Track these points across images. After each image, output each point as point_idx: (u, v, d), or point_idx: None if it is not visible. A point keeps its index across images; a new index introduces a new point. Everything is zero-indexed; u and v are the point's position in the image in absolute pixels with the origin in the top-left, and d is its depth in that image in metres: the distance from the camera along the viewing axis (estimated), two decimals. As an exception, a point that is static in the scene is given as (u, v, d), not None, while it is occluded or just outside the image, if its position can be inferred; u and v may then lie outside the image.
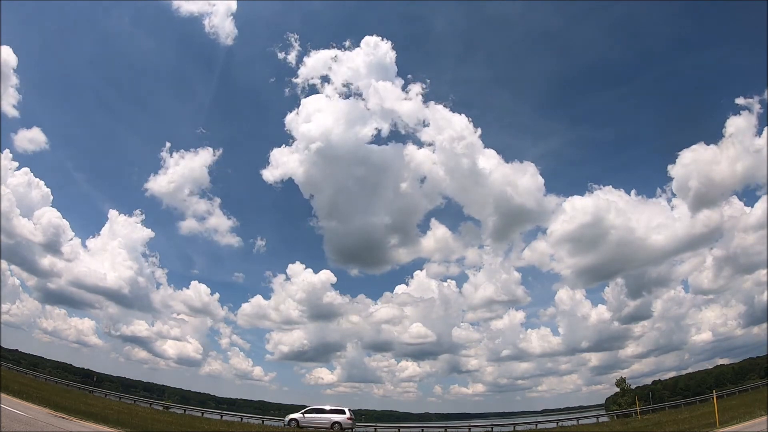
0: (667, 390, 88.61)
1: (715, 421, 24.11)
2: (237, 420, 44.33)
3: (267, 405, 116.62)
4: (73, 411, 25.67)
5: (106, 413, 27.90)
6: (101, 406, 32.77)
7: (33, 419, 20.02)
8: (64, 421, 21.57)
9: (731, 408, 29.54)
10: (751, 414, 24.98)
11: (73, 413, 24.87)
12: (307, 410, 36.93)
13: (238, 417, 46.87)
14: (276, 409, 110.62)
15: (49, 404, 26.74)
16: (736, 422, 23.50)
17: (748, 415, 24.88)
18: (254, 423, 43.89)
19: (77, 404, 30.24)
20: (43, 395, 31.06)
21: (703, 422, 25.70)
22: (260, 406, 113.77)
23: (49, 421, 20.40)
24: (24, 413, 21.09)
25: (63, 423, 20.93)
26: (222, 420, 42.05)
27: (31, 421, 19.48)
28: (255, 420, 46.12)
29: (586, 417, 48.30)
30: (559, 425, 45.76)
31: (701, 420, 26.83)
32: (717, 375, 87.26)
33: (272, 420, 44.56)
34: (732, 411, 27.48)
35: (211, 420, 40.62)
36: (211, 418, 44.16)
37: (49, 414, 23.29)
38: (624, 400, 62.66)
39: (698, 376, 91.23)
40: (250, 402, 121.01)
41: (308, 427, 35.34)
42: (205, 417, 43.92)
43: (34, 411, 23.08)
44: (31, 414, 21.48)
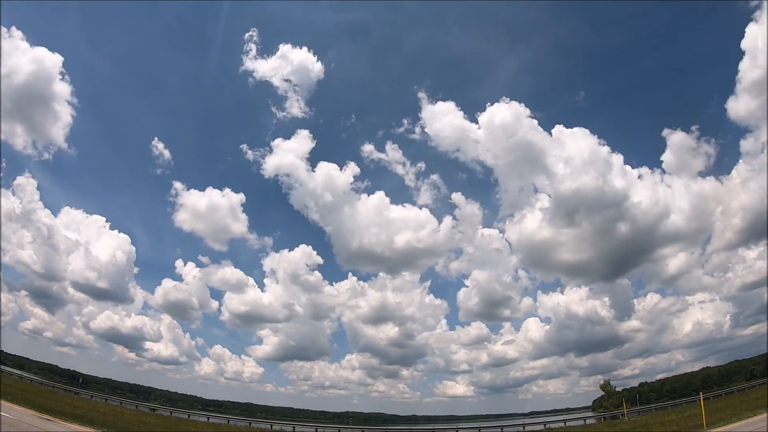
0: (653, 392, 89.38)
1: (702, 422, 24.37)
2: (224, 422, 44.01)
3: (254, 407, 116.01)
4: (58, 413, 25.34)
5: (92, 415, 27.61)
6: (87, 408, 32.42)
7: (17, 421, 19.69)
8: (48, 423, 21.24)
9: (718, 410, 29.90)
10: (737, 416, 25.26)
11: (59, 415, 24.56)
12: None
13: (225, 419, 46.52)
14: (263, 412, 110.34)
15: (34, 406, 26.34)
16: (723, 424, 23.77)
17: (735, 416, 25.17)
18: (241, 425, 43.71)
19: (62, 406, 29.83)
20: (28, 396, 30.59)
21: (690, 424, 26.00)
22: (247, 408, 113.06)
23: (34, 423, 20.08)
24: (8, 415, 20.72)
25: (48, 425, 20.61)
26: (209, 422, 41.73)
27: (15, 422, 19.16)
28: (242, 422, 45.86)
29: (573, 419, 48.68)
30: (546, 427, 46.08)
31: (688, 422, 27.14)
32: (703, 377, 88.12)
33: (259, 422, 44.25)
34: (719, 413, 27.81)
35: (197, 422, 40.35)
36: (198, 420, 43.90)
37: (34, 416, 22.93)
38: (610, 402, 63.16)
39: (684, 379, 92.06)
40: (237, 404, 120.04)
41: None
42: (191, 419, 43.63)
43: (18, 412, 22.70)
44: (15, 415, 21.13)
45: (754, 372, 75.29)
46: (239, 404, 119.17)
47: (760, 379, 59.06)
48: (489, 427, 49.86)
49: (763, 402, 29.10)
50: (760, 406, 28.01)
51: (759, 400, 31.35)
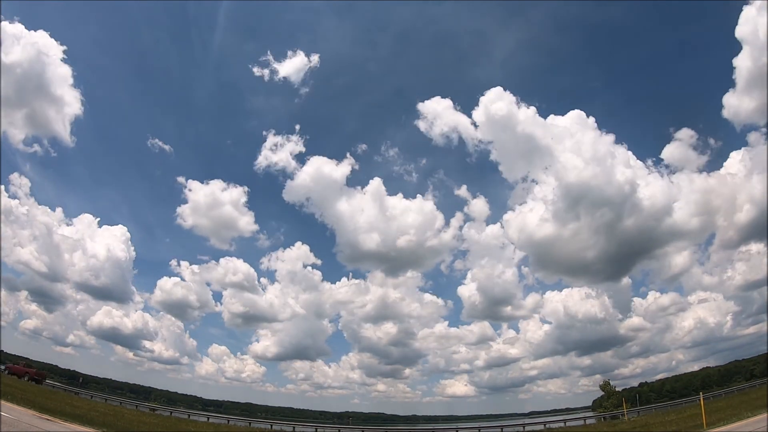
0: (653, 392, 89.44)
1: (702, 422, 24.34)
2: (224, 422, 43.99)
3: (254, 407, 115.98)
4: (58, 413, 25.24)
5: (92, 415, 27.55)
6: (87, 408, 32.33)
7: (17, 421, 19.65)
8: (48, 423, 21.19)
9: (718, 410, 29.86)
10: (738, 416, 25.24)
11: (58, 415, 24.46)
12: None
13: (225, 419, 46.50)
14: (263, 411, 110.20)
15: (34, 406, 26.26)
16: (723, 424, 23.73)
17: (735, 416, 25.14)
18: (241, 425, 43.68)
19: (62, 406, 29.72)
20: (28, 396, 30.51)
21: (690, 424, 25.97)
22: (247, 408, 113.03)
23: (34, 423, 20.03)
24: (8, 415, 20.68)
25: (48, 425, 20.55)
26: (209, 422, 41.71)
27: (15, 422, 19.12)
28: (242, 422, 45.83)
29: (573, 419, 48.66)
30: (546, 427, 46.06)
31: (688, 422, 27.11)
32: (703, 377, 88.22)
33: (259, 422, 44.24)
34: (719, 413, 27.78)
35: (197, 422, 40.33)
36: (198, 420, 43.87)
37: (34, 416, 22.86)
38: (610, 402, 63.08)
39: (684, 379, 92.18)
40: (237, 404, 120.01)
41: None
42: (191, 419, 43.60)
43: (18, 412, 22.65)
44: (15, 415, 21.08)
45: (754, 372, 75.36)
46: (239, 404, 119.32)
47: (760, 379, 59.04)
48: (489, 427, 49.84)
49: (763, 402, 29.08)
50: (760, 406, 27.99)
51: (759, 400, 31.32)
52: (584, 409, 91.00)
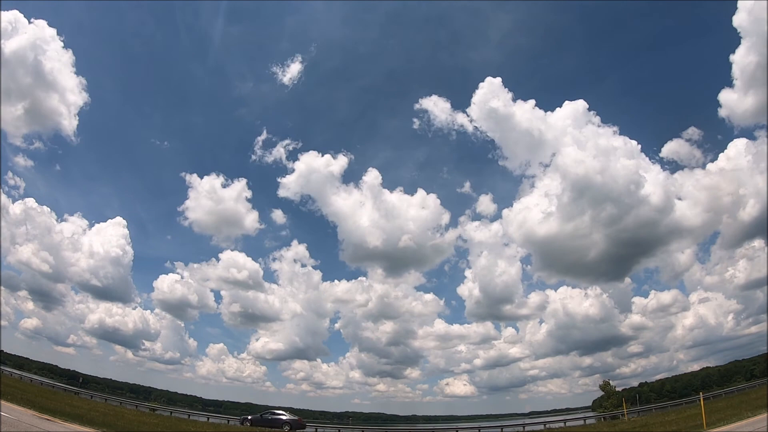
0: (653, 392, 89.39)
1: (702, 422, 24.33)
2: (224, 422, 43.93)
3: (254, 407, 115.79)
4: (58, 413, 25.28)
5: (92, 415, 27.54)
6: (87, 408, 32.35)
7: (17, 421, 19.66)
8: (48, 423, 21.20)
9: (718, 410, 29.84)
10: (738, 416, 25.23)
11: (58, 415, 24.49)
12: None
13: (225, 419, 46.44)
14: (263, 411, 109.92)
15: (34, 406, 26.31)
16: (723, 424, 23.70)
17: (735, 416, 25.13)
18: (241, 426, 43.56)
19: (62, 406, 29.79)
20: (28, 396, 30.57)
21: (690, 424, 25.93)
22: (248, 408, 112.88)
23: (34, 423, 20.04)
24: (8, 415, 20.70)
25: (48, 425, 20.56)
26: (209, 422, 41.68)
27: (15, 422, 19.13)
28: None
29: (573, 419, 48.61)
30: (546, 427, 46.01)
31: (688, 422, 27.07)
32: (703, 377, 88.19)
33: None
34: (719, 413, 27.76)
35: (197, 422, 40.29)
36: (198, 420, 43.85)
37: (34, 416, 22.89)
38: (609, 402, 63.07)
39: (684, 379, 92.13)
40: (237, 404, 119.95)
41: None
42: (191, 419, 43.58)
43: (18, 412, 22.68)
44: (15, 415, 21.10)
45: (754, 372, 75.33)
46: (239, 404, 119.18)
47: (760, 379, 59.02)
48: (489, 427, 49.78)
49: (763, 402, 29.08)
50: (760, 406, 27.98)
51: (759, 400, 31.31)
52: (584, 409, 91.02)
